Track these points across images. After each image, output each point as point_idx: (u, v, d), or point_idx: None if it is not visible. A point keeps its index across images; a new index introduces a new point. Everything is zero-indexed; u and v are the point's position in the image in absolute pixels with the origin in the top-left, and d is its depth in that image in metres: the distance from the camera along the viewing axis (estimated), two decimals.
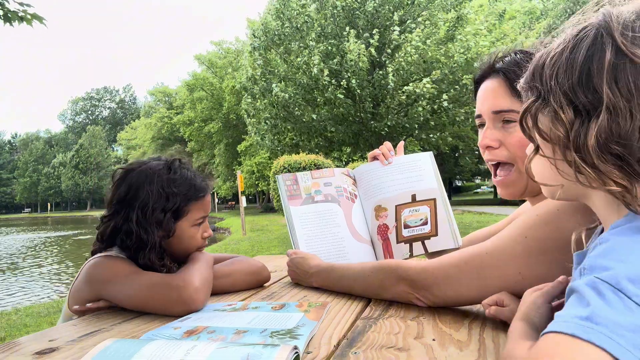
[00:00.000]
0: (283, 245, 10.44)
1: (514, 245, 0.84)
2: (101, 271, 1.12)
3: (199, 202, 1.25)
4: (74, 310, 1.11)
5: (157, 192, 1.18)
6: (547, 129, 0.64)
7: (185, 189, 1.22)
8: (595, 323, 0.46)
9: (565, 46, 0.64)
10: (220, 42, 40.67)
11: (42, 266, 12.19)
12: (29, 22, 5.35)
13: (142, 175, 1.21)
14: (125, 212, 1.18)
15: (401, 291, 0.99)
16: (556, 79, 0.63)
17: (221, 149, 34.83)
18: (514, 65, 0.99)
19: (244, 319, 0.91)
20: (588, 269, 0.52)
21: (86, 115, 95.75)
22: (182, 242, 1.23)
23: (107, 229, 1.20)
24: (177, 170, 1.25)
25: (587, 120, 0.59)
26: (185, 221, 1.22)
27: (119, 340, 0.69)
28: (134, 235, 1.16)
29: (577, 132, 0.60)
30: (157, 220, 1.17)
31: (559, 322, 0.48)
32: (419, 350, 0.71)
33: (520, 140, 0.96)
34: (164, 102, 48.99)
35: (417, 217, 1.37)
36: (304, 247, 1.38)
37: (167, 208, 1.19)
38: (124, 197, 1.19)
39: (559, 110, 0.62)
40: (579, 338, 0.45)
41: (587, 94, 0.59)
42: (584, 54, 0.60)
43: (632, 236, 0.54)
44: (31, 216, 78.51)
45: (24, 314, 5.37)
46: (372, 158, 1.50)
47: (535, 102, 0.66)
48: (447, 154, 25.03)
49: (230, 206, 43.64)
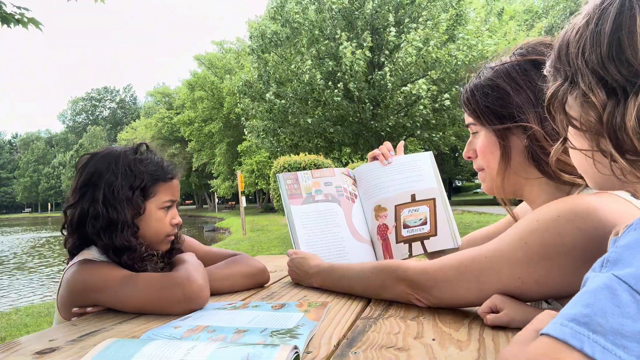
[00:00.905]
0: (283, 245, 10.45)
1: (514, 250, 0.84)
2: (89, 279, 1.08)
3: (167, 184, 1.21)
4: (74, 312, 1.09)
5: (123, 171, 1.15)
6: (577, 114, 0.57)
7: (153, 169, 1.19)
8: (592, 331, 0.42)
9: (589, 17, 0.56)
10: (221, 42, 40.69)
11: (50, 265, 12.21)
12: (25, 25, 5.36)
13: (108, 157, 1.18)
14: (90, 194, 1.14)
15: (401, 291, 0.99)
16: (582, 56, 0.55)
17: (222, 148, 34.85)
18: (469, 85, 1.04)
19: (244, 318, 0.91)
20: (612, 262, 0.47)
21: (86, 116, 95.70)
22: (150, 224, 1.18)
23: (74, 217, 1.15)
24: (143, 152, 1.23)
25: (624, 99, 0.51)
26: (152, 202, 1.19)
27: (119, 340, 0.69)
28: (103, 216, 1.11)
29: (611, 114, 0.52)
30: (126, 197, 1.13)
31: (556, 323, 0.45)
32: (418, 350, 0.71)
33: (480, 147, 1.02)
34: (164, 102, 49.01)
35: (417, 217, 1.37)
36: (304, 246, 1.38)
37: (135, 185, 1.15)
38: (88, 179, 1.16)
39: (588, 92, 0.54)
40: (569, 345, 0.42)
41: (620, 68, 0.51)
42: (612, 23, 0.53)
43: None
44: (31, 216, 78.58)
45: (24, 313, 5.37)
46: (372, 158, 1.50)
47: (562, 86, 0.59)
48: (447, 154, 25.03)
49: (231, 206, 43.65)
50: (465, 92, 1.04)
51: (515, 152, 0.96)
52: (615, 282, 0.44)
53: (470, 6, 16.56)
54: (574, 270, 0.80)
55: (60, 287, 1.14)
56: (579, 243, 0.78)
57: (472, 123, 1.04)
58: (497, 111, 0.96)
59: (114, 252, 1.13)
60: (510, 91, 0.95)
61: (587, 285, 0.47)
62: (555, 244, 0.80)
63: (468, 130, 1.09)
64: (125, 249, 1.13)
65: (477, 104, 1.00)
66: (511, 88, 0.95)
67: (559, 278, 0.81)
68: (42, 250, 17.15)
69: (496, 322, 0.82)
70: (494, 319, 0.82)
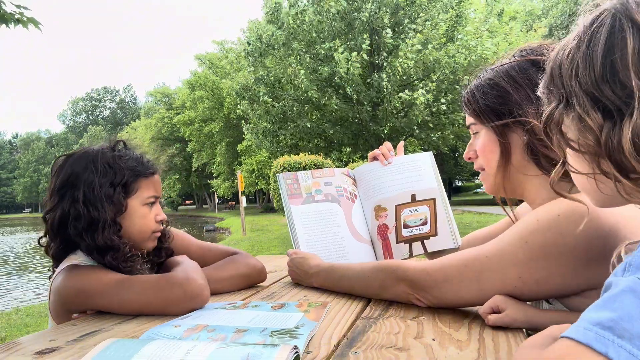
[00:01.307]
0: (283, 245, 10.45)
1: (515, 250, 0.84)
2: (82, 284, 1.04)
3: (148, 179, 1.18)
4: (74, 318, 1.06)
5: (102, 168, 1.12)
6: (574, 136, 0.57)
7: (133, 164, 1.16)
8: (618, 335, 0.41)
9: (580, 39, 0.56)
10: (222, 41, 40.68)
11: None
12: (25, 24, 5.36)
13: (84, 156, 1.14)
14: (70, 194, 1.10)
15: (401, 291, 0.99)
16: (576, 78, 0.55)
17: (222, 148, 34.86)
18: (470, 86, 1.05)
19: (244, 317, 0.91)
20: (635, 266, 0.46)
21: (86, 116, 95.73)
22: (135, 221, 1.15)
23: (55, 220, 1.11)
24: (121, 149, 1.20)
25: (620, 120, 0.51)
26: (135, 199, 1.15)
27: (119, 340, 0.69)
28: (84, 216, 1.08)
29: (609, 135, 0.52)
30: (106, 195, 1.09)
31: (579, 327, 0.44)
32: (418, 350, 0.71)
33: (480, 146, 1.03)
34: (164, 102, 49.01)
35: (417, 217, 1.37)
36: (304, 246, 1.38)
37: (116, 182, 1.12)
38: (66, 180, 1.12)
39: (584, 115, 0.54)
40: (593, 349, 0.41)
41: (614, 89, 0.51)
42: (604, 45, 0.53)
43: None
44: (32, 216, 78.55)
45: (24, 313, 5.38)
46: (372, 158, 1.50)
47: (557, 108, 0.58)
48: (446, 154, 25.03)
49: (231, 206, 43.66)
50: (466, 94, 1.04)
51: (515, 149, 0.97)
52: (639, 285, 0.43)
53: (470, 7, 16.55)
54: (575, 270, 0.80)
55: (50, 295, 1.10)
56: (580, 243, 0.78)
57: (472, 123, 1.04)
58: (496, 109, 0.97)
59: (97, 252, 1.10)
60: (510, 89, 0.95)
61: (612, 289, 0.46)
62: (556, 244, 0.80)
63: (468, 131, 1.10)
64: (108, 249, 1.09)
65: (477, 103, 1.00)
66: (510, 86, 0.95)
67: (560, 277, 0.81)
68: None
69: (498, 323, 0.82)
70: (496, 320, 0.82)
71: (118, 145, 1.21)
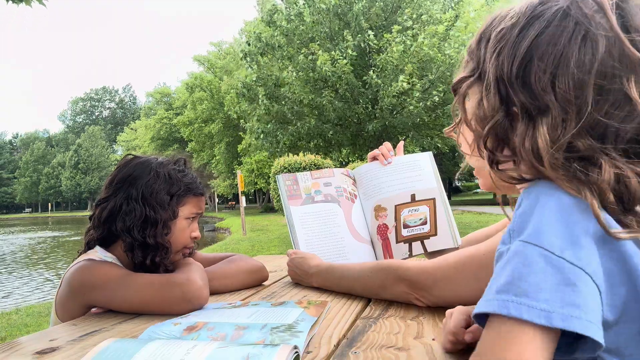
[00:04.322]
0: (283, 245, 10.45)
1: None
2: (88, 277, 1.08)
3: (197, 197, 1.26)
4: (94, 312, 1.09)
5: (163, 176, 1.20)
6: (470, 111, 0.59)
7: (188, 181, 1.24)
8: (515, 294, 0.44)
9: (516, 22, 0.55)
10: (219, 42, 40.70)
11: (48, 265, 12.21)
12: (28, 2, 5.33)
13: (148, 162, 1.23)
14: (125, 190, 1.16)
15: (401, 291, 1.00)
16: (497, 59, 0.55)
17: (222, 148, 34.85)
18: None
19: (244, 314, 0.91)
20: (517, 231, 0.49)
21: (86, 116, 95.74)
22: (175, 231, 1.21)
23: (104, 211, 1.16)
24: (181, 166, 1.28)
25: (527, 119, 0.52)
26: (181, 211, 1.22)
27: (119, 340, 0.69)
28: (139, 213, 1.14)
29: (500, 125, 0.54)
30: (160, 201, 1.17)
31: (483, 300, 0.48)
32: (419, 350, 0.71)
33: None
34: (163, 102, 49.00)
35: (417, 217, 1.37)
36: (304, 247, 1.38)
37: (172, 192, 1.20)
38: (126, 177, 1.18)
39: (484, 94, 0.56)
40: (501, 315, 0.45)
41: (523, 93, 0.53)
42: (530, 41, 0.52)
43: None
44: (32, 216, 78.55)
45: (24, 313, 5.37)
46: (371, 158, 1.50)
47: (468, 79, 0.60)
48: (446, 154, 25.02)
49: (231, 206, 43.64)
50: None
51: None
52: (522, 246, 0.47)
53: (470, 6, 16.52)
54: None
55: (60, 285, 1.14)
56: None
57: None
58: None
59: (141, 249, 1.14)
60: None
61: (502, 258, 0.49)
62: None
63: None
64: (156, 248, 1.15)
65: None
66: None
67: None
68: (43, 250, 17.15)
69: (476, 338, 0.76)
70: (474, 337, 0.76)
71: (180, 162, 1.29)
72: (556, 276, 0.44)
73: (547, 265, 0.44)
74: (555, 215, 0.47)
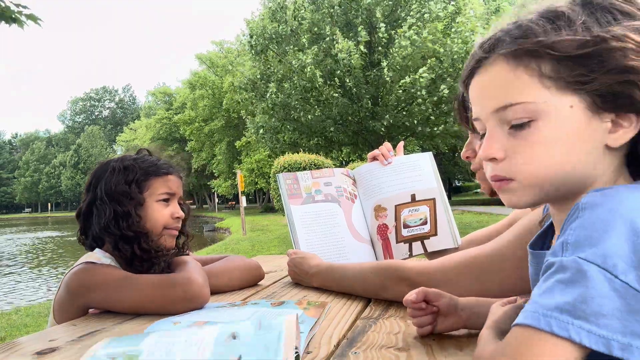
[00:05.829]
0: (283, 245, 10.44)
1: (515, 249, 0.84)
2: (86, 278, 1.09)
3: (161, 178, 1.26)
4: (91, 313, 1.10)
5: (119, 168, 1.23)
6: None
7: (146, 165, 1.26)
8: (576, 317, 0.43)
9: (468, 61, 0.59)
10: (220, 42, 40.67)
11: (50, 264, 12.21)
12: (20, 24, 5.32)
13: (108, 161, 1.29)
14: (92, 193, 1.23)
15: (401, 292, 0.99)
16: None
17: (222, 147, 34.84)
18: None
19: (243, 313, 0.91)
20: (572, 244, 0.47)
21: (86, 116, 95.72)
22: (148, 215, 1.23)
23: (81, 216, 1.25)
24: (144, 155, 1.32)
25: None
26: (148, 195, 1.24)
27: (117, 338, 0.69)
28: (107, 211, 1.18)
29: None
30: (123, 193, 1.20)
31: (535, 312, 0.45)
32: (419, 350, 0.71)
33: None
34: (164, 102, 49.01)
35: (417, 217, 1.37)
36: (304, 246, 1.38)
37: (129, 180, 1.22)
38: (92, 181, 1.26)
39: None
40: (555, 335, 0.43)
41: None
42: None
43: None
44: (32, 216, 78.57)
45: (24, 313, 5.37)
46: (371, 158, 1.50)
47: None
48: (445, 154, 25.02)
49: (231, 206, 43.63)
50: None
51: None
52: (583, 264, 0.44)
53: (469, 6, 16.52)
54: None
55: (59, 288, 1.14)
56: None
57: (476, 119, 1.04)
58: None
59: (125, 242, 1.17)
60: None
61: (557, 271, 0.47)
62: None
63: (466, 131, 1.09)
64: (136, 237, 1.17)
65: None
66: None
67: None
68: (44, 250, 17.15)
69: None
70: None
71: (141, 152, 1.34)
72: (619, 301, 0.43)
73: (610, 290, 0.43)
74: (626, 235, 0.44)
